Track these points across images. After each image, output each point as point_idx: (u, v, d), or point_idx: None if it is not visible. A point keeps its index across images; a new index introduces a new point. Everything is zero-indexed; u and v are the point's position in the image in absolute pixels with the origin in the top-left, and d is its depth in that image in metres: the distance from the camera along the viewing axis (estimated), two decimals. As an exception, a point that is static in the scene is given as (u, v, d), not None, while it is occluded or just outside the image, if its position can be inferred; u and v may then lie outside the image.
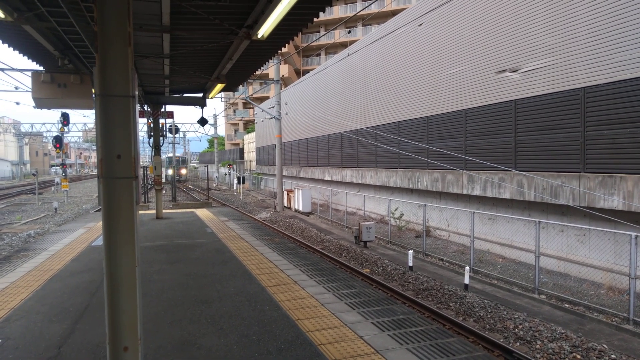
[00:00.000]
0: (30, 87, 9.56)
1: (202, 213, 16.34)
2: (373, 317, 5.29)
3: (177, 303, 5.90)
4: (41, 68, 10.43)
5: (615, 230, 8.92)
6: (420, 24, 16.44)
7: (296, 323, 5.10)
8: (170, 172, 44.93)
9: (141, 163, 60.51)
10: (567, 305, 8.73)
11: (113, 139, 3.10)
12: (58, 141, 27.39)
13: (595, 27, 10.00)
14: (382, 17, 45.16)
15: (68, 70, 9.55)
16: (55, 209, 23.37)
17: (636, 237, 7.92)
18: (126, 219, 3.13)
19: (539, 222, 9.96)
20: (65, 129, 28.47)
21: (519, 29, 12.09)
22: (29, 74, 9.78)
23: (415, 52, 17.05)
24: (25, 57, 9.83)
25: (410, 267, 11.60)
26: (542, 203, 11.51)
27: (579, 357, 6.60)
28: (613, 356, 6.58)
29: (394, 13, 39.39)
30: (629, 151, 9.38)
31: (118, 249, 3.13)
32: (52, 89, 9.56)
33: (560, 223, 10.34)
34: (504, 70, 12.66)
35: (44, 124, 51.95)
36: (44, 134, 60.27)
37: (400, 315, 5.39)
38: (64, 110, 22.91)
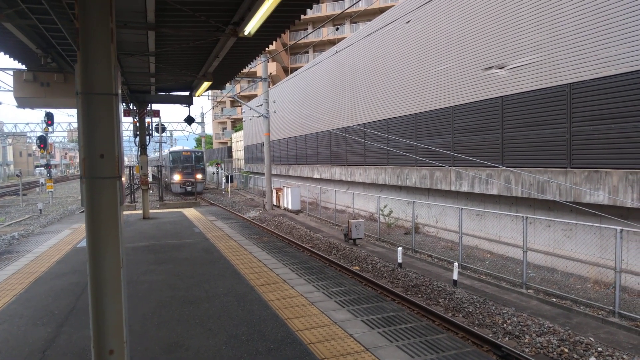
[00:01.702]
0: (12, 86, 9.38)
1: (190, 213, 16.20)
2: (363, 315, 5.28)
3: (165, 304, 5.82)
4: (23, 67, 10.24)
5: (601, 225, 9.03)
6: (408, 21, 16.46)
7: (285, 322, 5.07)
8: (177, 177, 32.88)
9: (127, 162, 59.34)
10: (554, 300, 8.82)
11: (96, 138, 3.04)
12: (42, 141, 26.93)
13: (580, 24, 10.10)
14: (370, 14, 45.21)
15: (51, 68, 9.39)
16: (40, 210, 22.99)
17: (621, 231, 8.02)
18: (110, 219, 3.07)
19: (526, 217, 10.05)
20: (50, 128, 28.00)
21: (506, 25, 12.16)
22: (11, 72, 9.60)
23: (403, 49, 17.08)
24: (7, 56, 9.63)
25: (399, 263, 11.63)
26: (529, 199, 11.61)
27: (566, 350, 6.66)
28: (599, 349, 6.66)
29: (381, 10, 39.47)
30: (614, 146, 9.50)
31: (102, 250, 3.06)
32: (34, 88, 9.41)
33: (547, 218, 10.43)
34: (491, 67, 12.73)
35: (27, 123, 51.18)
36: (28, 134, 59.26)
37: (390, 312, 5.39)
38: (47, 110, 22.60)
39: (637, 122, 9.03)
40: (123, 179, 3.22)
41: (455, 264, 10.38)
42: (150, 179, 30.99)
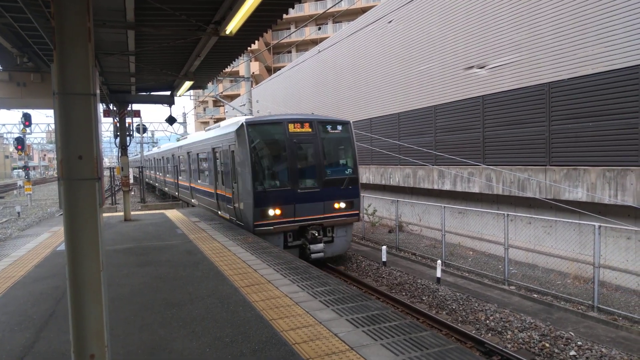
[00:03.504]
0: (-13, 86, 9.15)
1: (172, 214, 16.02)
2: (347, 314, 5.28)
3: (147, 307, 5.74)
4: (-2, 66, 9.99)
5: (580, 221, 9.21)
6: (390, 21, 16.55)
7: (270, 323, 5.04)
8: (271, 211, 10.36)
9: (108, 164, 58.23)
10: (535, 296, 8.96)
11: (74, 139, 2.98)
12: (20, 143, 26.44)
13: (558, 24, 10.28)
14: (352, 14, 45.34)
15: (28, 68, 9.20)
16: (18, 213, 22.50)
17: (599, 227, 8.19)
18: (89, 222, 3.01)
19: (508, 214, 10.19)
20: (28, 129, 27.41)
21: (487, 25, 12.31)
22: (-15, 72, 9.35)
23: (386, 49, 17.16)
24: (-19, 55, 9.37)
25: (383, 262, 11.69)
26: (510, 196, 11.79)
27: (547, 345, 6.78)
28: (579, 343, 6.80)
29: (363, 10, 39.60)
30: (591, 144, 9.70)
31: (82, 253, 3.00)
32: (10, 88, 9.20)
33: (528, 215, 10.60)
34: (472, 67, 12.88)
35: (4, 124, 50.13)
36: (5, 136, 57.94)
37: (375, 310, 5.40)
38: (25, 111, 22.13)
39: (614, 120, 9.24)
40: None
41: (439, 261, 10.48)
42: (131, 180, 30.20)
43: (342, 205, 11.39)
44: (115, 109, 14.04)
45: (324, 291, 6.26)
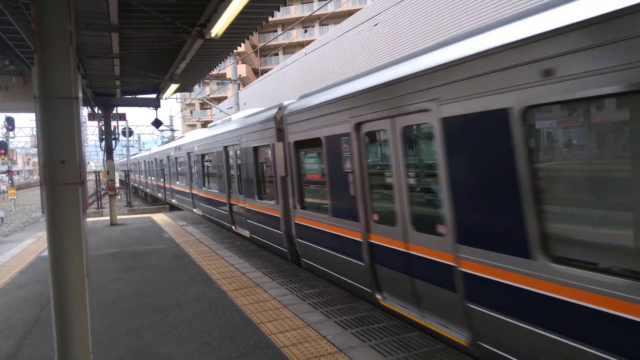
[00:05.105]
0: (-32, 90, 9.01)
1: (159, 218, 15.89)
2: (336, 316, 5.29)
3: (134, 312, 5.68)
4: (-21, 70, 9.83)
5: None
6: (376, 24, 16.65)
7: (258, 326, 5.02)
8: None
9: (94, 167, 57.39)
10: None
11: (56, 143, 2.95)
12: (3, 147, 26.00)
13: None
14: (339, 17, 45.43)
15: (9, 71, 9.09)
16: (2, 218, 22.10)
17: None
18: (73, 227, 2.97)
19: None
20: (11, 133, 27.00)
21: (470, 27, 12.46)
22: (-34, 76, 9.20)
23: (372, 51, 17.25)
24: (-39, 58, 9.21)
25: (372, 263, 11.70)
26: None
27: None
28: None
29: (350, 13, 39.75)
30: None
31: (65, 259, 2.96)
32: (-9, 91, 9.06)
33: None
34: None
35: (-14, 129, 49.14)
36: (-13, 140, 56.86)
37: (363, 312, 5.41)
38: (7, 114, 21.79)
39: None
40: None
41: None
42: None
43: None
44: (100, 112, 13.90)
45: (313, 293, 6.26)
